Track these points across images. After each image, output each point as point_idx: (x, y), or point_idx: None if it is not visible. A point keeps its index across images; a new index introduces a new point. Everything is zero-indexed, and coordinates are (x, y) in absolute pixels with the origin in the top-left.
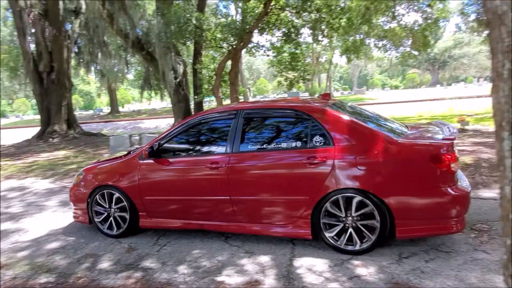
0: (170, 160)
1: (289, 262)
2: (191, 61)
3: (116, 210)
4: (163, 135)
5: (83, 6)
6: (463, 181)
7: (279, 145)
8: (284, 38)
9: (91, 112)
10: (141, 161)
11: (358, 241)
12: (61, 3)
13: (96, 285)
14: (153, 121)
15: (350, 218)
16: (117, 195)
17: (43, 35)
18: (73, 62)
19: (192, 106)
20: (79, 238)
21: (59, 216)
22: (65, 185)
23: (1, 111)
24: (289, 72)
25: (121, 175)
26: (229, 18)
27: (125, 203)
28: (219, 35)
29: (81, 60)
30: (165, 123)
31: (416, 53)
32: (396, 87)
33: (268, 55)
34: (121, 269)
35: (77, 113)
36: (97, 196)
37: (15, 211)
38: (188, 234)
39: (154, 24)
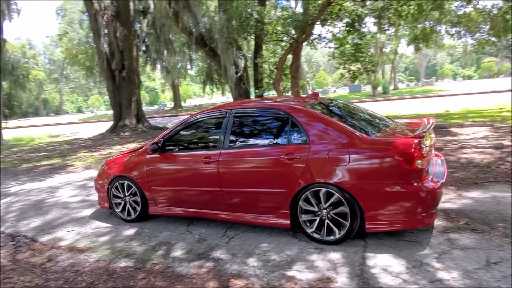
0: (172, 154)
1: (362, 261)
2: (250, 55)
3: (129, 198)
4: (167, 132)
5: (151, 6)
6: (438, 177)
7: (263, 142)
8: (347, 28)
9: (156, 107)
10: (148, 156)
11: (329, 232)
12: (131, 4)
13: (171, 272)
14: None
15: (324, 210)
16: (130, 185)
17: (115, 35)
18: (140, 60)
19: None
20: (152, 227)
21: None
22: None
23: (78, 107)
24: (353, 64)
25: (133, 167)
26: (290, 10)
27: (136, 192)
28: (280, 28)
29: (148, 58)
30: None
31: (494, 39)
32: (470, 77)
33: (330, 47)
34: (193, 258)
35: (143, 108)
36: (114, 186)
37: (95, 199)
38: (255, 227)
39: (216, 20)
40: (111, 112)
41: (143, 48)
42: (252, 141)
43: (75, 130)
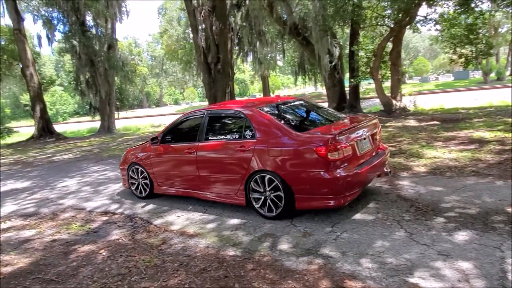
0: (167, 146)
1: (501, 274)
2: (342, 43)
3: (142, 180)
4: (166, 127)
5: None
6: (362, 167)
7: (227, 136)
8: (459, 7)
9: (245, 98)
10: (151, 146)
11: (273, 210)
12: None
13: (280, 266)
14: None
15: (267, 192)
16: (141, 169)
17: (211, 29)
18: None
19: (347, 90)
20: (256, 217)
21: None
22: None
23: (175, 99)
24: (465, 47)
25: (143, 156)
26: None
27: (146, 175)
28: (380, 12)
29: (241, 50)
30: None
31: None
32: None
33: (436, 29)
34: (301, 253)
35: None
36: (131, 170)
37: None
38: (365, 224)
39: (310, 8)
40: (205, 103)
41: (236, 40)
42: (219, 136)
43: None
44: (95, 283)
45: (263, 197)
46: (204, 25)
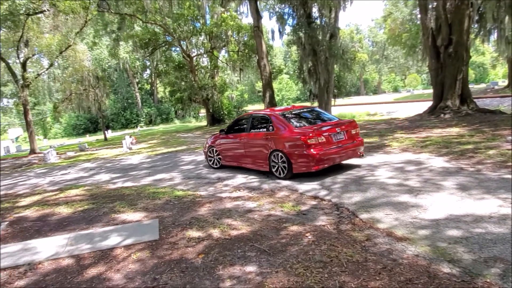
0: (230, 135)
1: None
2: None
3: (216, 157)
4: (230, 123)
5: None
6: (328, 148)
7: (260, 130)
8: None
9: (483, 85)
10: (221, 135)
11: (282, 173)
12: None
13: None
14: None
15: (279, 162)
16: (215, 149)
17: (444, 7)
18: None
19: None
20: (482, 235)
21: (456, 200)
22: (462, 166)
23: (395, 86)
24: None
25: (215, 141)
26: None
27: (218, 153)
28: None
29: (483, 28)
30: None
31: None
32: None
33: None
34: None
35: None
36: (209, 150)
37: (413, 185)
38: None
39: None
40: (428, 91)
41: (476, 17)
42: (257, 129)
43: (390, 109)
44: (299, 263)
45: (277, 166)
46: (435, 3)
